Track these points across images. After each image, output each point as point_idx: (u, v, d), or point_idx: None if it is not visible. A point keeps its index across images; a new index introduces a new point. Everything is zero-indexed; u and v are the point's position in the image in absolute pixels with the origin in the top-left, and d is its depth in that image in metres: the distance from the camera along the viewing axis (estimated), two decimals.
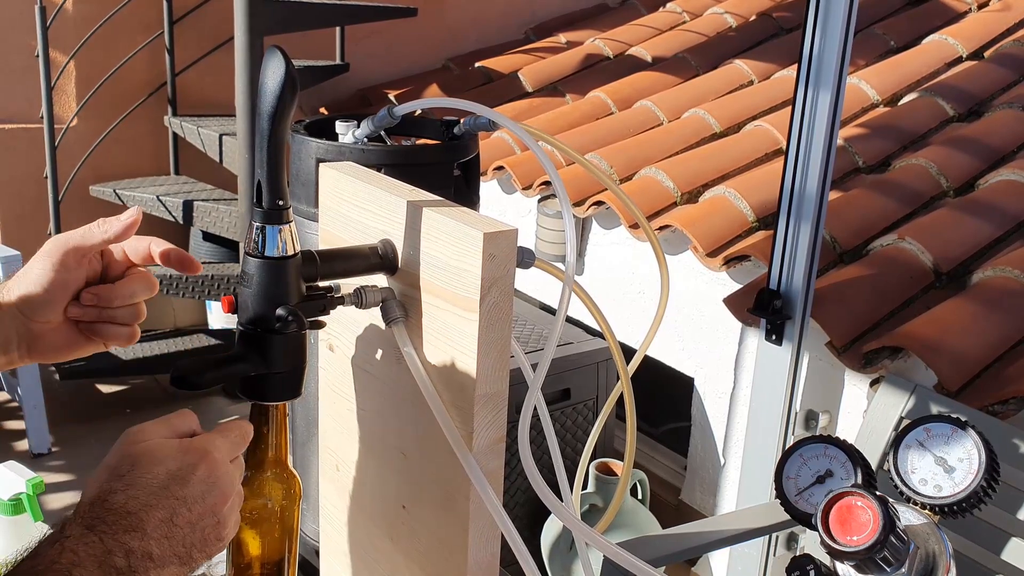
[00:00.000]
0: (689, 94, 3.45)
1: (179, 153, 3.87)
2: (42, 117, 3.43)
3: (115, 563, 0.71)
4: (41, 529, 1.35)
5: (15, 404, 3.44)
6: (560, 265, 0.92)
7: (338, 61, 3.98)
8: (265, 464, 0.87)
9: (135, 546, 0.73)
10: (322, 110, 4.16)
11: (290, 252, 0.84)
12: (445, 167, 1.60)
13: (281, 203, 0.83)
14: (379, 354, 0.95)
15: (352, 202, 0.96)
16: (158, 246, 0.95)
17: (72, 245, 0.91)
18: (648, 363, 1.93)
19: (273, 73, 0.80)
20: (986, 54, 3.36)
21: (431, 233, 0.85)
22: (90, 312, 0.93)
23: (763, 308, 2.12)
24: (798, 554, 1.07)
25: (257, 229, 0.83)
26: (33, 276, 0.91)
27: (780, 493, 1.14)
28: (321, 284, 0.88)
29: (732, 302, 2.42)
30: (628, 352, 1.07)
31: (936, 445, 1.07)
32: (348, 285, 0.90)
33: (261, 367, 0.84)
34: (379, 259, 0.90)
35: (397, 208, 0.89)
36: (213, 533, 0.78)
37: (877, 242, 2.43)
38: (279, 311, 0.82)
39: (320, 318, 0.87)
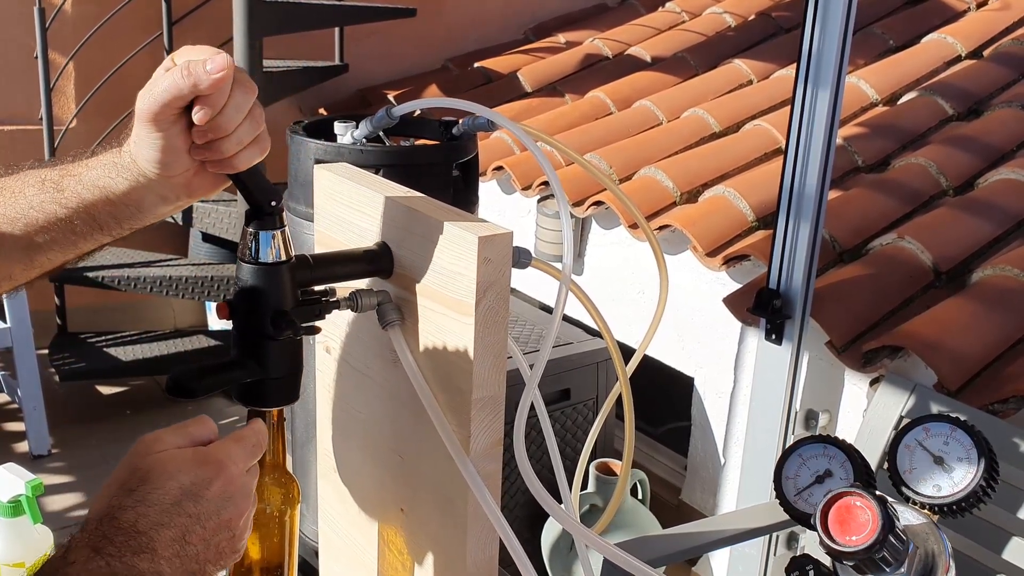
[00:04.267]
0: (688, 94, 3.45)
1: None
2: (41, 118, 3.43)
3: None
4: (41, 531, 1.35)
5: (15, 406, 3.44)
6: (558, 265, 0.92)
7: (337, 62, 3.98)
8: (263, 469, 0.87)
9: (145, 567, 0.69)
10: (321, 111, 4.16)
11: (284, 257, 0.83)
12: (444, 167, 1.60)
13: (274, 204, 0.83)
14: (375, 357, 0.95)
15: (347, 204, 0.96)
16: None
17: (159, 107, 0.78)
18: (648, 363, 1.93)
19: None
20: (985, 53, 3.36)
21: (426, 236, 0.85)
22: (213, 149, 0.81)
23: (763, 308, 2.12)
24: (798, 554, 1.07)
25: (251, 235, 0.83)
26: (144, 140, 0.81)
27: (780, 493, 1.13)
28: (316, 288, 0.88)
29: (732, 302, 2.42)
30: (628, 352, 1.07)
31: (935, 444, 1.07)
32: (344, 288, 0.89)
33: (257, 373, 0.83)
34: (375, 262, 0.90)
35: (392, 210, 0.89)
36: (228, 546, 0.76)
37: (877, 241, 2.43)
38: (274, 317, 0.82)
39: (316, 323, 0.87)
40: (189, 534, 0.72)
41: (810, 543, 2.06)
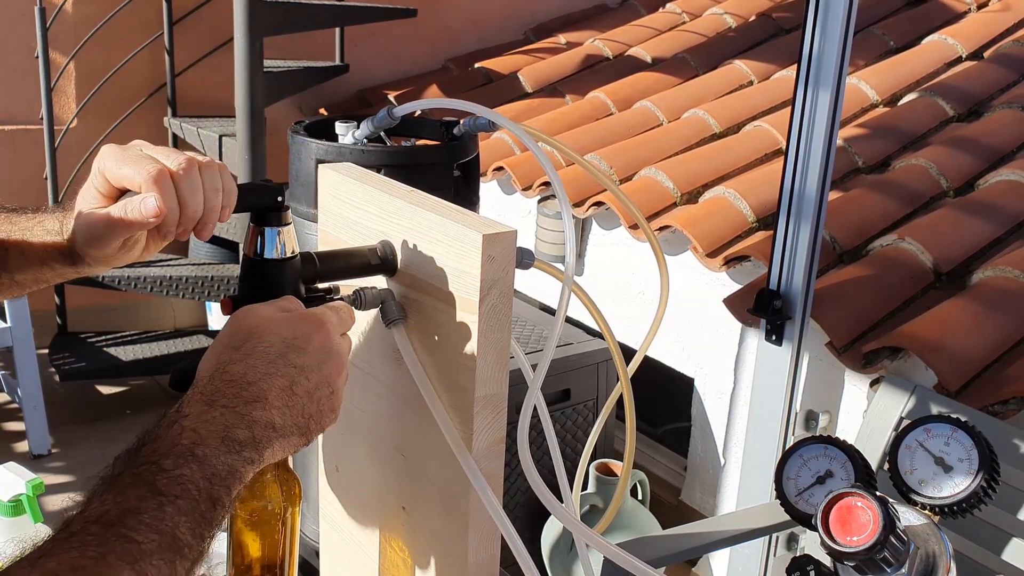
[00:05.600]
0: (689, 94, 3.45)
1: None
2: (42, 118, 3.43)
3: (237, 436, 0.71)
4: (41, 531, 1.35)
5: (15, 405, 3.44)
6: (560, 266, 0.92)
7: (338, 62, 3.98)
8: (265, 466, 0.87)
9: (258, 416, 0.72)
10: (322, 111, 4.16)
11: (289, 254, 0.84)
12: (445, 168, 1.61)
13: (280, 200, 0.83)
14: (379, 355, 0.95)
15: (351, 203, 0.96)
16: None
17: (104, 242, 0.85)
18: (648, 363, 1.93)
19: None
20: (986, 54, 3.36)
21: (430, 234, 0.85)
22: (209, 220, 0.85)
23: (763, 308, 2.12)
24: (798, 554, 1.08)
25: (256, 231, 0.83)
26: (94, 256, 0.87)
27: (780, 493, 1.14)
28: (320, 286, 0.88)
29: (732, 302, 2.42)
30: (629, 353, 1.07)
31: (936, 445, 1.07)
32: (347, 286, 0.90)
33: None
34: (378, 260, 0.90)
35: (396, 209, 0.89)
36: (328, 404, 0.78)
37: (877, 242, 2.43)
38: None
39: None
40: (295, 385, 0.75)
41: (810, 543, 2.06)
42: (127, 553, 0.61)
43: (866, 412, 2.09)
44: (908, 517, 1.03)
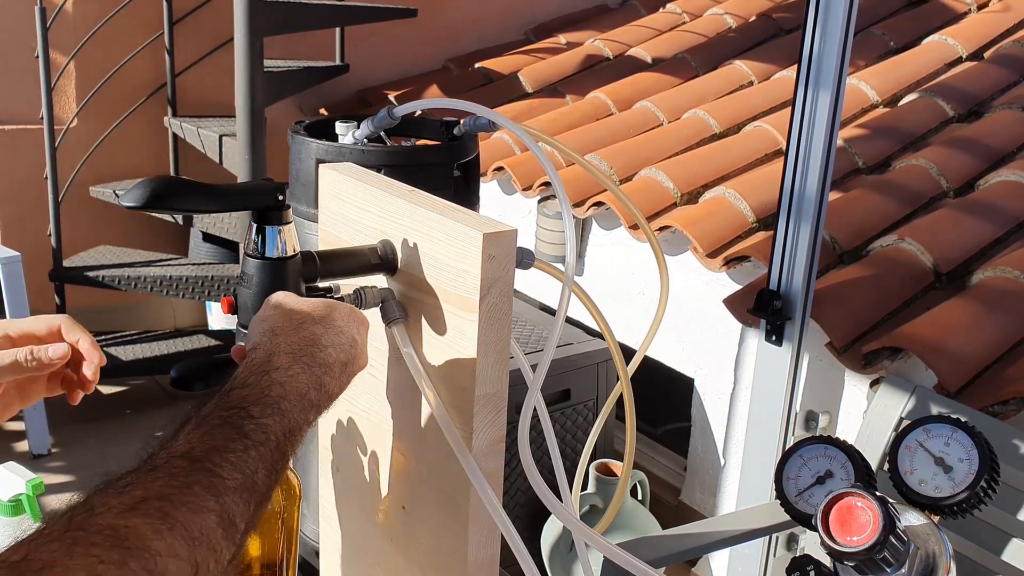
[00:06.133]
0: (689, 95, 3.45)
1: (179, 154, 3.87)
2: (42, 118, 3.43)
3: (311, 397, 0.75)
4: None
5: None
6: (560, 266, 0.92)
7: (338, 62, 3.98)
8: None
9: (327, 383, 0.77)
10: (322, 111, 4.16)
11: (290, 253, 0.84)
12: (445, 168, 1.61)
13: (281, 199, 0.83)
14: (379, 354, 0.95)
15: (352, 203, 0.96)
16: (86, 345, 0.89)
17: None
18: (648, 363, 1.93)
19: None
20: (986, 55, 3.36)
21: (431, 234, 0.85)
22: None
23: (763, 309, 2.12)
24: (798, 554, 1.07)
25: (257, 230, 0.83)
26: None
27: (780, 494, 1.13)
28: (321, 285, 0.88)
29: (732, 302, 2.42)
30: (628, 353, 1.07)
31: (936, 445, 1.07)
32: (348, 285, 0.90)
33: None
34: (379, 260, 0.90)
35: (396, 209, 0.89)
36: (335, 397, 0.81)
37: (877, 242, 2.43)
38: None
39: None
40: (350, 364, 0.80)
41: (810, 544, 2.06)
42: (212, 486, 0.64)
43: (866, 412, 2.09)
44: (908, 517, 1.03)
